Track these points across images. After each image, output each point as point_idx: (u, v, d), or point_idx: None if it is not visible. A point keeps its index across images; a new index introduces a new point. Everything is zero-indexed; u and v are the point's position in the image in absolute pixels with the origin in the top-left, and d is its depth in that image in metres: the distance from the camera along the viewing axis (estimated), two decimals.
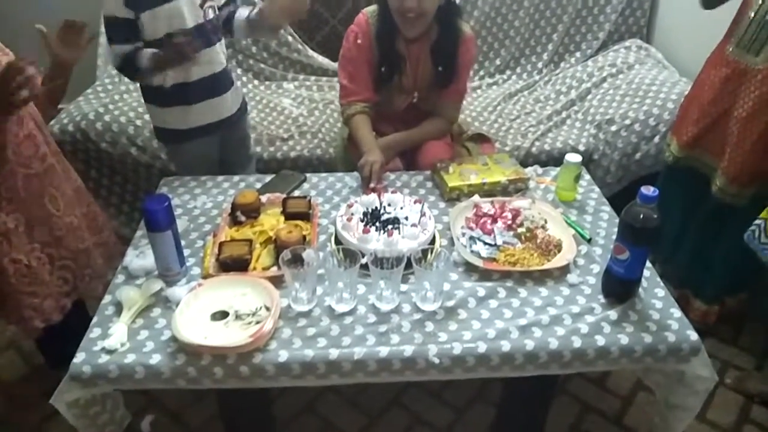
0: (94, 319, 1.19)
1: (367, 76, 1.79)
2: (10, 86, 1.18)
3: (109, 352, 1.11)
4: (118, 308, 1.20)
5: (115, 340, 1.12)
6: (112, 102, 2.23)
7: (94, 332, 1.16)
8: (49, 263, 1.47)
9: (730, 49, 1.60)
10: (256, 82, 2.68)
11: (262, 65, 2.70)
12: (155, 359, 1.10)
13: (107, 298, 1.24)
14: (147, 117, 2.16)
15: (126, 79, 2.32)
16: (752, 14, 1.53)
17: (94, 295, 1.59)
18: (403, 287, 1.24)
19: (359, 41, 1.76)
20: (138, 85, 2.24)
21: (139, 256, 1.32)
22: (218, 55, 1.72)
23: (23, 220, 1.40)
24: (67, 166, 1.54)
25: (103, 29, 1.71)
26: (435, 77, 1.81)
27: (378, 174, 1.59)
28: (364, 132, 1.76)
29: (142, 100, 2.20)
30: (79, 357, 1.11)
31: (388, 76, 1.80)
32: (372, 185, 1.56)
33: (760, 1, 1.51)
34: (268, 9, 1.68)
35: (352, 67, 1.80)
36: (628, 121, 2.15)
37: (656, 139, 2.08)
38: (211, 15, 1.66)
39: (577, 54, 2.71)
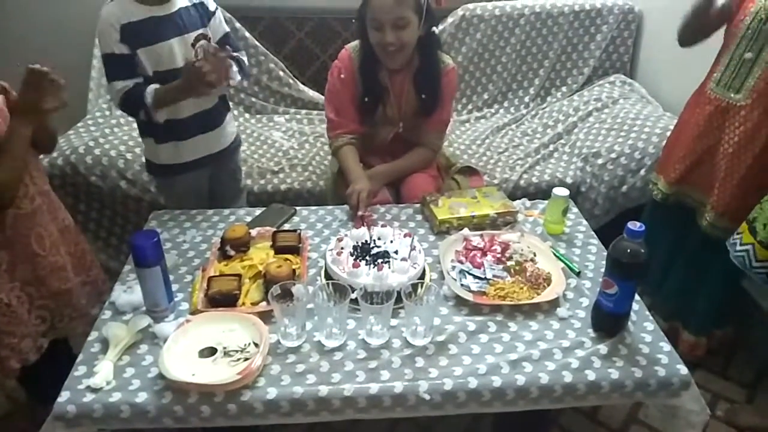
0: (80, 357, 1.17)
1: (352, 109, 1.83)
2: (39, 92, 1.21)
3: (95, 390, 1.09)
4: (104, 345, 1.18)
5: (100, 378, 1.10)
6: (102, 135, 2.24)
7: (80, 370, 1.14)
8: (28, 302, 1.44)
9: (712, 88, 1.65)
10: (247, 115, 2.71)
11: (254, 99, 2.73)
12: (141, 398, 1.08)
13: (93, 335, 1.22)
14: (137, 151, 2.17)
15: (118, 113, 2.35)
16: (731, 53, 1.58)
17: (72, 334, 1.57)
18: (393, 322, 1.24)
19: (342, 76, 1.81)
20: (129, 119, 2.26)
21: (127, 292, 1.31)
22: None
23: (6, 259, 1.38)
24: (55, 206, 1.52)
25: (92, 71, 1.72)
26: (419, 106, 1.85)
27: (365, 202, 1.60)
28: (351, 162, 1.79)
29: (133, 134, 2.22)
30: (64, 396, 1.08)
31: (373, 107, 1.83)
32: (360, 213, 1.57)
33: (737, 42, 1.56)
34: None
35: (338, 102, 1.84)
36: (614, 155, 2.19)
37: (642, 172, 2.12)
38: (201, 54, 1.66)
39: (563, 89, 2.77)
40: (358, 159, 1.81)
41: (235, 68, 1.65)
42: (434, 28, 1.78)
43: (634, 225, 1.13)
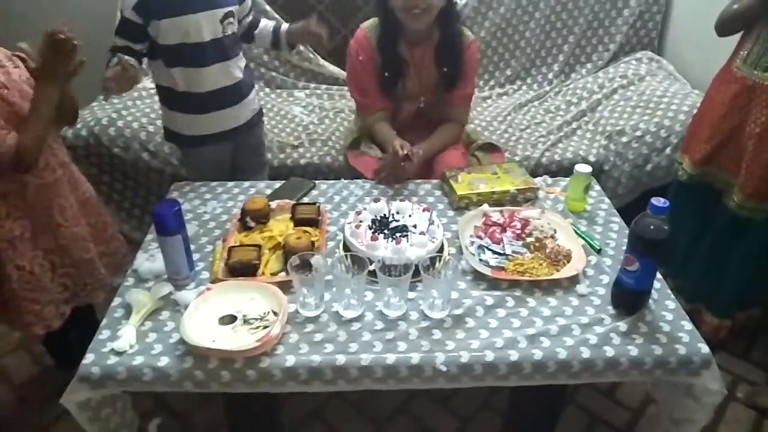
0: (104, 321, 1.20)
1: (375, 87, 1.83)
2: (58, 54, 1.24)
3: (118, 353, 1.11)
4: (128, 311, 1.21)
5: (124, 341, 1.12)
6: (125, 108, 2.26)
7: (104, 334, 1.16)
8: (51, 270, 1.48)
9: (738, 66, 1.60)
10: (267, 90, 2.70)
11: (274, 74, 2.73)
12: (163, 362, 1.10)
13: (117, 301, 1.25)
14: (159, 123, 2.18)
15: (139, 85, 2.36)
16: (759, 31, 1.53)
17: (94, 302, 1.61)
18: (411, 295, 1.24)
19: (360, 57, 1.81)
20: (150, 91, 2.28)
21: (149, 260, 1.33)
22: (233, 69, 1.73)
23: (29, 227, 1.41)
24: (76, 177, 1.54)
25: None
26: (440, 80, 1.83)
27: (408, 146, 1.62)
28: (389, 134, 1.82)
29: (155, 107, 2.24)
30: (89, 358, 1.11)
31: (393, 82, 1.82)
32: (405, 151, 1.60)
33: (766, 20, 1.50)
34: (297, 32, 1.77)
35: (361, 83, 1.85)
36: (639, 133, 2.15)
37: (668, 151, 2.07)
38: (230, 31, 1.68)
39: (588, 65, 2.72)
40: (393, 131, 1.84)
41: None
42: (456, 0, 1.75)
43: (658, 201, 1.11)
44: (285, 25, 1.84)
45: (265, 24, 1.84)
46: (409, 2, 1.65)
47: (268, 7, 2.57)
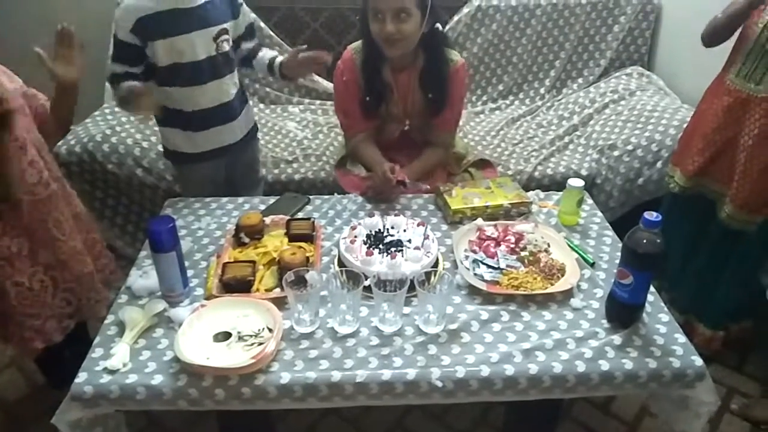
0: (97, 339, 1.19)
1: (358, 109, 1.83)
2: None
3: (111, 372, 1.10)
4: (121, 328, 1.20)
5: (117, 360, 1.11)
6: (119, 124, 2.26)
7: (96, 352, 1.16)
8: (52, 286, 1.47)
9: (731, 79, 1.62)
10: (261, 105, 2.71)
11: (268, 89, 2.74)
12: (157, 380, 1.09)
13: (110, 318, 1.24)
14: (153, 139, 2.19)
15: None
16: (751, 45, 1.55)
17: (98, 317, 1.59)
18: (406, 310, 1.24)
19: (344, 78, 1.81)
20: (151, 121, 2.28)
21: (143, 277, 1.33)
22: (227, 86, 1.73)
23: (27, 245, 1.41)
24: (68, 192, 1.54)
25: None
26: (426, 106, 1.82)
27: (400, 172, 1.62)
28: (372, 153, 1.83)
29: (149, 123, 2.24)
30: (81, 377, 1.10)
31: (375, 105, 1.81)
32: (399, 177, 1.60)
33: (758, 32, 1.53)
34: (287, 65, 1.75)
35: (344, 103, 1.85)
36: (630, 147, 2.17)
37: (658, 165, 2.09)
38: (225, 48, 1.68)
39: (579, 80, 2.75)
40: (377, 150, 1.84)
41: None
42: (438, 25, 1.73)
43: (651, 215, 1.12)
44: (278, 60, 1.79)
45: (263, 54, 1.82)
46: (383, 32, 1.65)
47: (263, 25, 2.59)
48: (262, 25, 2.59)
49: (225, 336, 1.17)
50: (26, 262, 1.42)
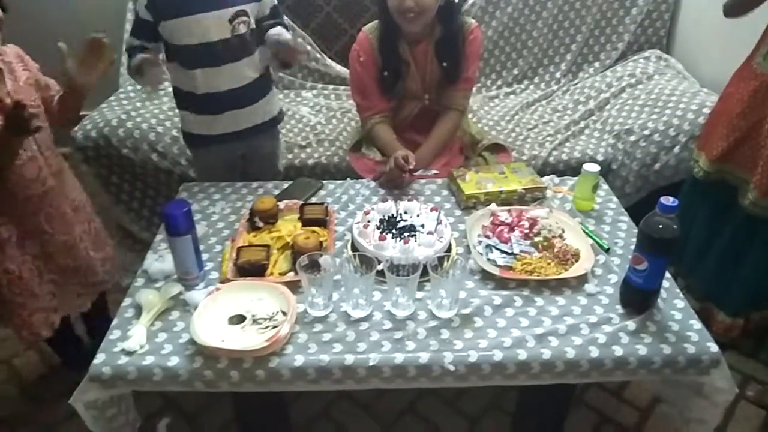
0: (114, 321, 1.21)
1: (376, 89, 1.83)
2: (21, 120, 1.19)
3: (129, 353, 1.12)
4: (138, 311, 1.22)
5: (134, 341, 1.13)
6: (134, 109, 2.27)
7: (114, 334, 1.17)
8: (38, 275, 1.48)
9: (759, 62, 1.58)
10: (274, 90, 2.71)
11: (281, 74, 2.73)
12: (173, 361, 1.11)
13: (127, 301, 1.26)
14: (168, 124, 2.20)
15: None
16: None
17: (81, 310, 1.63)
18: (419, 294, 1.24)
19: (361, 59, 1.82)
20: (160, 92, 2.30)
21: (159, 260, 1.34)
22: (244, 70, 1.70)
23: (16, 232, 1.42)
24: (69, 186, 1.54)
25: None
26: (442, 75, 1.82)
27: (410, 160, 1.61)
28: (388, 138, 1.83)
29: (164, 108, 2.25)
30: (100, 358, 1.12)
31: (393, 83, 1.82)
32: (410, 167, 1.59)
33: None
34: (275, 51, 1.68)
35: (361, 84, 1.85)
36: (647, 132, 2.14)
37: (676, 150, 2.06)
38: (242, 30, 1.64)
39: (596, 64, 2.71)
40: (393, 134, 1.84)
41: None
42: None
43: (667, 200, 1.10)
44: (272, 33, 1.71)
45: (273, 31, 1.72)
46: (402, 6, 1.65)
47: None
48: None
49: (240, 319, 1.18)
50: (16, 249, 1.43)
